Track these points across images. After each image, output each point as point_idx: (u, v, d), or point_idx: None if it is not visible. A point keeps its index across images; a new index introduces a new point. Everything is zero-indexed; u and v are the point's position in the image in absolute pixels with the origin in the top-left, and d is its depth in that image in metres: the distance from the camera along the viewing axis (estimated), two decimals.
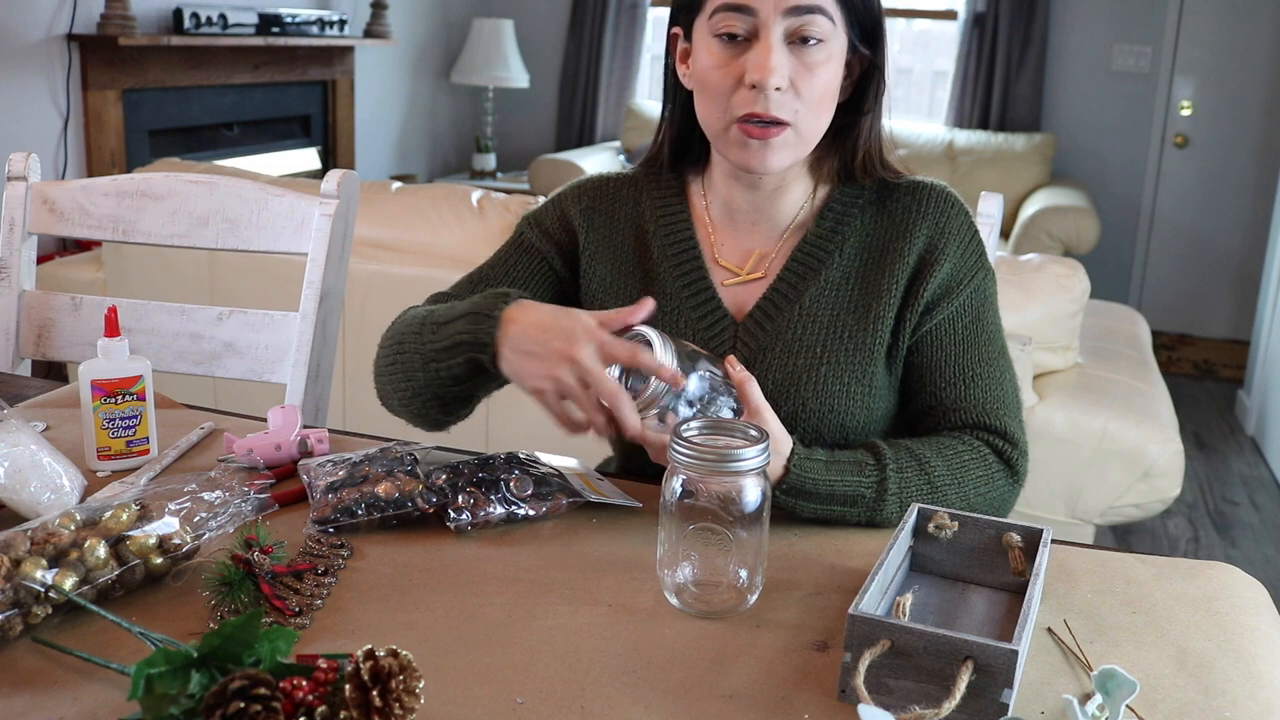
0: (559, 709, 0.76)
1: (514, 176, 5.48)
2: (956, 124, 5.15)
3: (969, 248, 1.16)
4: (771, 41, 1.04)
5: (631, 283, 1.21)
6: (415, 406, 1.14)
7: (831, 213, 1.18)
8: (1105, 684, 0.75)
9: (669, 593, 0.90)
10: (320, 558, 0.95)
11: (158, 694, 0.68)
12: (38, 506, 0.99)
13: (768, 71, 1.04)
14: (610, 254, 1.23)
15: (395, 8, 4.97)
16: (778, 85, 1.05)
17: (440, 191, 2.60)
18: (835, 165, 1.19)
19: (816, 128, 1.11)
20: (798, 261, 1.16)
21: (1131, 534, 3.18)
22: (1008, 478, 1.11)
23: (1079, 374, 2.46)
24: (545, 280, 1.24)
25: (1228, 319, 5.02)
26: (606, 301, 1.22)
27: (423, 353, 1.09)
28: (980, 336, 1.15)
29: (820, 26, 1.05)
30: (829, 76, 1.08)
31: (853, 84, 1.15)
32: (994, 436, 1.12)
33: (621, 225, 1.23)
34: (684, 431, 0.88)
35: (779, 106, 1.06)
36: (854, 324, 1.14)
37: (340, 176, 1.49)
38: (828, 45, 1.07)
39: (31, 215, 1.55)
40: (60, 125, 3.52)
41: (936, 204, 1.16)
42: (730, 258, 1.19)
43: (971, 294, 1.16)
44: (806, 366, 1.13)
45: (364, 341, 2.47)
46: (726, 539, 0.87)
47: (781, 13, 1.04)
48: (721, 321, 1.17)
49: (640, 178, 1.25)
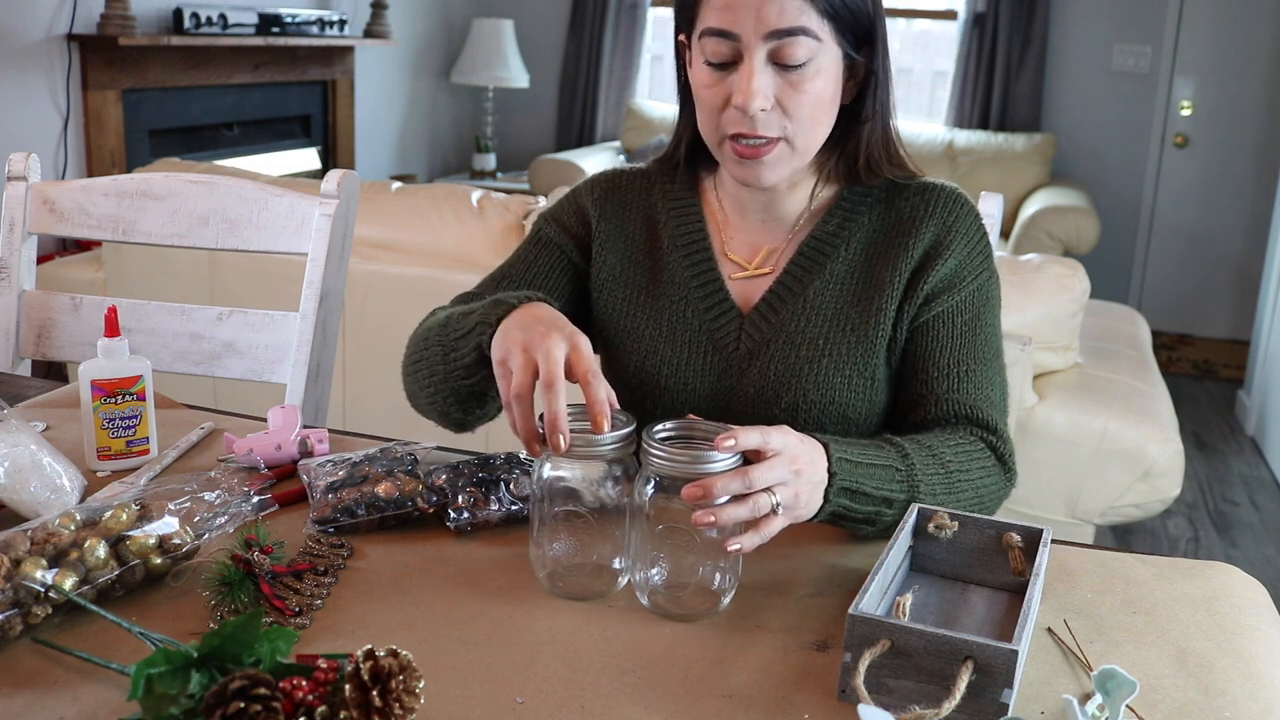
0: (559, 709, 0.76)
1: (514, 176, 5.49)
2: (956, 124, 5.15)
3: (976, 247, 1.17)
4: (755, 65, 1.04)
5: (640, 272, 1.22)
6: (438, 404, 1.15)
7: (840, 210, 1.18)
8: (1105, 684, 0.75)
9: (640, 594, 0.90)
10: (320, 558, 0.95)
11: (158, 694, 0.68)
12: (38, 506, 0.99)
13: (750, 95, 1.04)
14: (621, 243, 1.24)
15: (395, 8, 4.97)
16: (762, 107, 1.05)
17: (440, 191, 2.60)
18: (841, 166, 1.19)
19: (811, 140, 1.10)
20: (804, 256, 1.17)
21: (1131, 534, 3.18)
22: (1002, 474, 1.11)
23: (1079, 374, 2.46)
24: (565, 274, 1.25)
25: (1228, 319, 5.02)
26: (614, 290, 1.23)
27: (444, 343, 1.10)
28: (978, 335, 1.15)
29: (804, 47, 1.04)
30: (818, 91, 1.07)
31: (857, 86, 1.14)
32: (984, 431, 1.12)
33: (634, 216, 1.25)
34: (656, 434, 0.88)
35: (766, 125, 1.06)
36: (856, 317, 1.15)
37: (340, 176, 1.49)
38: (815, 60, 1.06)
39: (31, 215, 1.55)
40: (60, 125, 3.52)
41: (945, 204, 1.16)
42: (740, 252, 1.20)
43: (974, 292, 1.16)
44: (809, 358, 1.14)
45: (364, 341, 2.47)
46: (693, 540, 0.87)
47: (762, 37, 1.04)
48: (728, 314, 1.18)
49: (655, 173, 1.27)
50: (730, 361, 1.17)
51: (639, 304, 1.22)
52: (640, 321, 1.21)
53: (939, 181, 1.19)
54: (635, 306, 1.22)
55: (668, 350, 1.19)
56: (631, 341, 1.21)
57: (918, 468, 1.02)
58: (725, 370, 1.17)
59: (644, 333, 1.20)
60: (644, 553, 0.88)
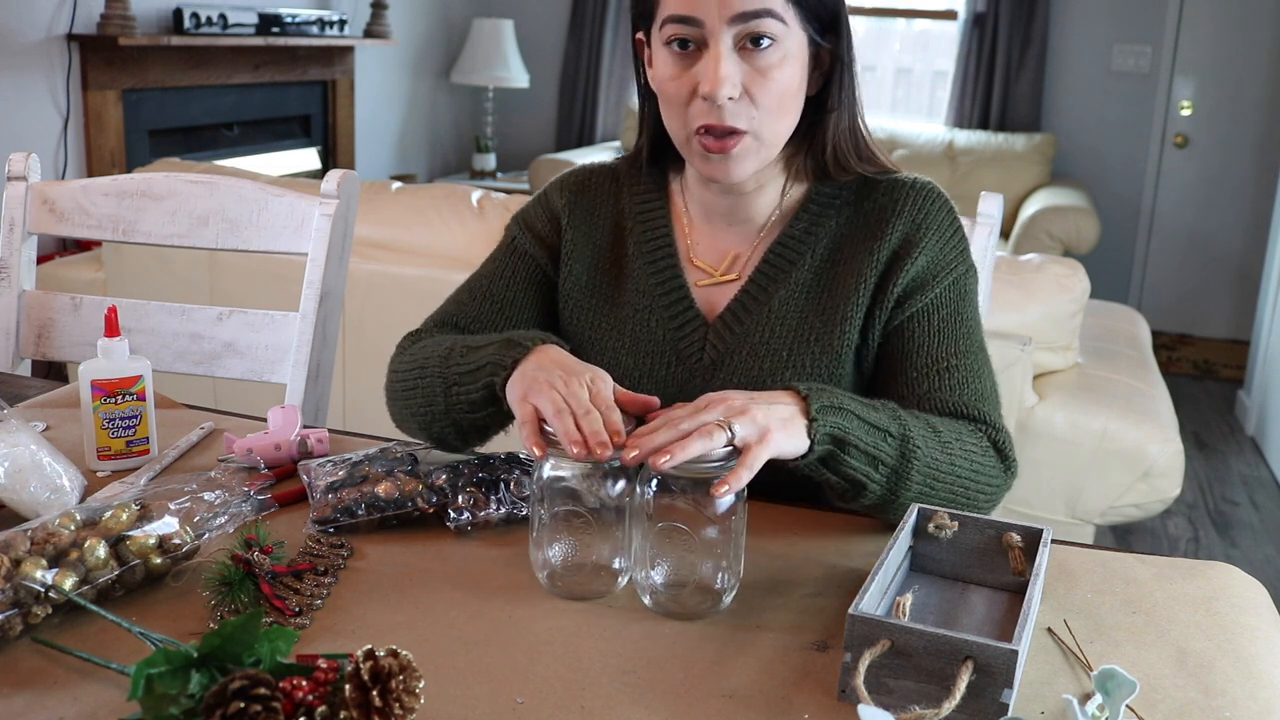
0: (559, 709, 0.76)
1: (514, 176, 5.48)
2: (956, 124, 5.15)
3: (949, 242, 1.13)
4: (721, 50, 1.02)
5: (605, 280, 1.20)
6: (433, 430, 1.14)
7: (807, 213, 1.15)
8: (1105, 684, 0.75)
9: (642, 593, 0.90)
10: (320, 558, 0.95)
11: (158, 694, 0.68)
12: (38, 506, 0.99)
13: (717, 82, 1.01)
14: (589, 250, 1.21)
15: (395, 8, 4.97)
16: (730, 95, 1.02)
17: (440, 191, 2.60)
18: (809, 163, 1.16)
19: (778, 131, 1.08)
20: (769, 263, 1.14)
21: (1131, 534, 3.18)
22: (999, 463, 1.08)
23: (1079, 374, 2.46)
24: (538, 285, 1.23)
25: (1228, 319, 5.02)
26: (580, 299, 1.20)
27: (446, 376, 1.09)
28: (958, 330, 1.12)
29: (770, 28, 1.02)
30: (785, 78, 1.05)
31: (823, 76, 1.11)
32: (977, 424, 1.08)
33: (601, 221, 1.22)
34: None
35: (733, 116, 1.04)
36: (820, 326, 1.12)
37: (340, 176, 1.49)
38: (781, 45, 1.03)
39: (31, 215, 1.55)
40: (60, 125, 3.52)
41: (915, 200, 1.13)
42: (706, 258, 1.18)
43: (950, 286, 1.12)
44: (772, 370, 1.12)
45: (364, 341, 2.47)
46: (692, 539, 0.87)
47: (727, 21, 1.01)
48: (693, 322, 1.15)
49: (623, 172, 1.24)
50: (694, 372, 1.14)
51: (602, 313, 1.19)
52: (603, 331, 1.18)
53: (910, 176, 1.16)
54: (599, 315, 1.19)
55: (630, 361, 1.16)
56: (595, 350, 1.18)
57: (911, 425, 0.99)
58: (689, 380, 1.14)
59: (607, 342, 1.18)
60: (644, 552, 0.89)
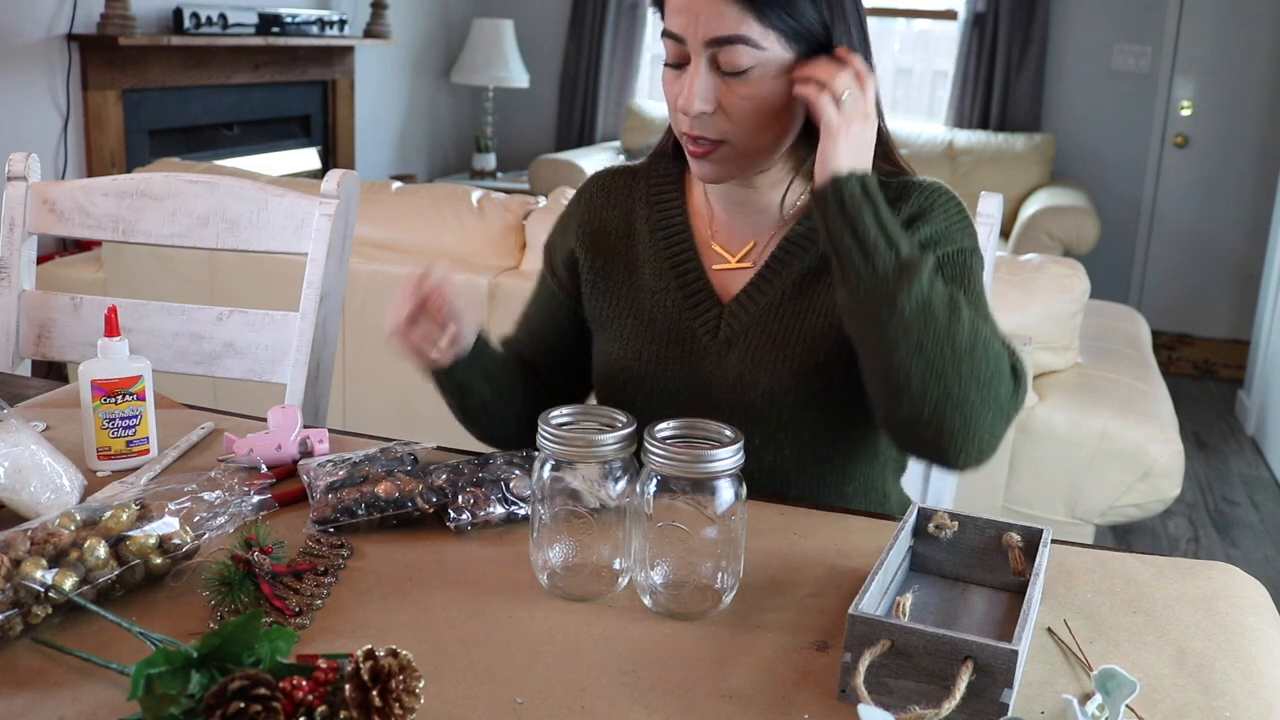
0: (559, 709, 0.76)
1: (514, 176, 5.49)
2: (956, 124, 5.15)
3: (955, 222, 1.14)
4: (697, 68, 1.06)
5: (620, 264, 1.24)
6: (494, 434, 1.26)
7: None
8: (1105, 684, 0.75)
9: (642, 593, 0.90)
10: (320, 558, 0.95)
11: (158, 694, 0.68)
12: (38, 506, 0.99)
13: (688, 99, 1.07)
14: (604, 240, 1.26)
15: (395, 8, 4.97)
16: (702, 110, 1.07)
17: (440, 191, 2.60)
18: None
19: (756, 143, 1.10)
20: (784, 250, 1.18)
21: (1131, 534, 3.18)
22: (1008, 367, 1.05)
23: (1079, 374, 2.46)
24: (564, 312, 1.29)
25: (1228, 319, 5.02)
26: (595, 283, 1.25)
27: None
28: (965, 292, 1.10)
29: (743, 55, 1.05)
30: (761, 97, 1.07)
31: None
32: None
33: (615, 214, 1.26)
34: (658, 433, 0.88)
35: (705, 127, 1.08)
36: (830, 307, 1.14)
37: (340, 176, 1.49)
38: (759, 69, 1.06)
39: (31, 215, 1.55)
40: (60, 125, 3.52)
41: (922, 192, 1.15)
42: (727, 244, 1.21)
43: (954, 254, 1.12)
44: (783, 348, 1.15)
45: (364, 341, 2.47)
46: (692, 539, 0.87)
47: (704, 43, 1.05)
48: (707, 302, 1.19)
49: (646, 168, 1.28)
50: (708, 349, 1.18)
51: (619, 294, 1.23)
52: (620, 310, 1.23)
53: (924, 179, 1.18)
54: (616, 297, 1.23)
55: (647, 337, 1.20)
56: (614, 329, 1.23)
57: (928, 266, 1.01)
58: (704, 357, 1.18)
59: (624, 321, 1.22)
60: (644, 552, 0.89)
